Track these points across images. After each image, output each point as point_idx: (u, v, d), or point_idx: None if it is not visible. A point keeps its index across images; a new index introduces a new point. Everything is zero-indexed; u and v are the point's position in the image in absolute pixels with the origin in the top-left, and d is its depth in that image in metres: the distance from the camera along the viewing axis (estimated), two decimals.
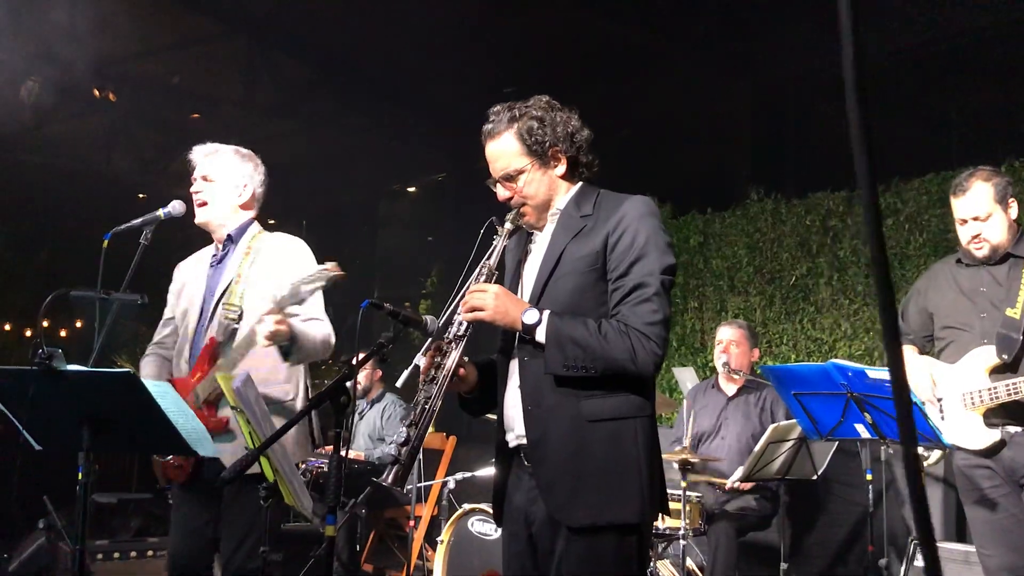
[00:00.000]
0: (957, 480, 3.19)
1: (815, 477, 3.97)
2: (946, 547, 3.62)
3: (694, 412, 4.61)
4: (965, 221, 3.15)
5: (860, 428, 3.02)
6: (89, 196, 9.88)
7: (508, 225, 2.32)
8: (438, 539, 4.09)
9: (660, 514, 2.25)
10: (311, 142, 10.51)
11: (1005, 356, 2.97)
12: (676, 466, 3.97)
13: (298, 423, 2.47)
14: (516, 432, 2.26)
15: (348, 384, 2.25)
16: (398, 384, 2.26)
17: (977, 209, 3.11)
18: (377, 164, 10.84)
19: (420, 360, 2.28)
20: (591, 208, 2.28)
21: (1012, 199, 3.14)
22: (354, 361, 2.21)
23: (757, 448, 3.79)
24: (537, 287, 2.28)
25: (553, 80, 7.81)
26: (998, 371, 3.00)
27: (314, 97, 9.54)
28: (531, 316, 2.16)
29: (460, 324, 2.24)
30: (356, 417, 5.85)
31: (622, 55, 7.34)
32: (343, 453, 2.21)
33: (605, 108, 7.86)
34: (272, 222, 12.08)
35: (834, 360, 3.06)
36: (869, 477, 3.82)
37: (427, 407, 2.20)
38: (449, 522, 4.11)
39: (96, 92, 8.41)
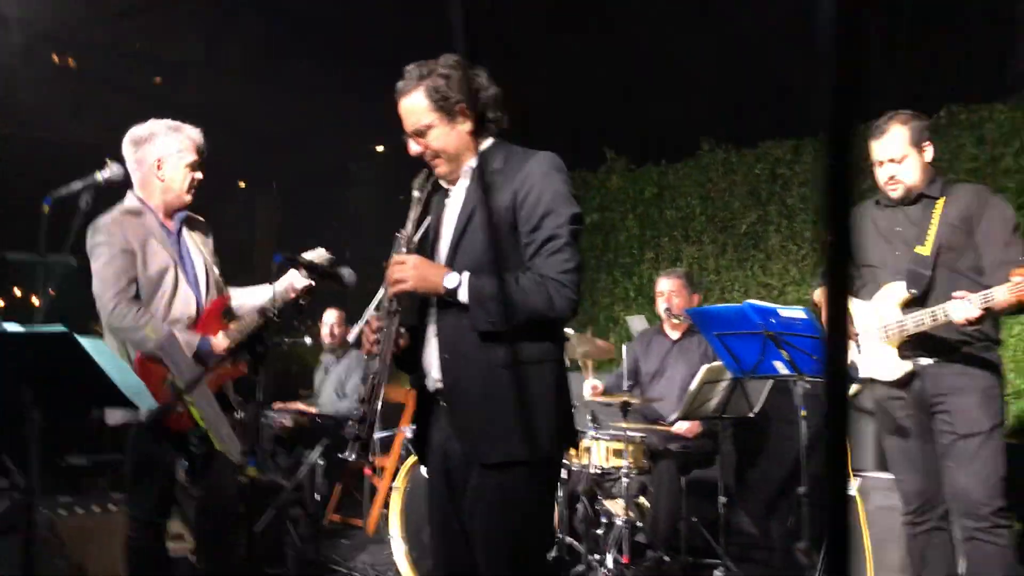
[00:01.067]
0: (875, 412, 3.36)
1: (751, 414, 4.14)
2: (872, 476, 3.81)
3: (639, 355, 4.78)
4: (882, 163, 3.27)
5: (779, 365, 3.18)
6: (55, 164, 9.86)
7: (416, 193, 2.46)
8: (393, 486, 4.25)
9: (572, 449, 2.42)
10: (279, 104, 10.50)
11: (914, 290, 3.11)
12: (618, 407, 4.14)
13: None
14: (433, 377, 2.41)
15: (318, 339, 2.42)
16: (349, 339, 2.41)
17: (893, 151, 3.23)
18: (347, 125, 10.86)
19: (368, 315, 2.42)
20: (501, 163, 2.39)
21: (927, 143, 3.24)
22: (272, 315, 2.33)
23: (692, 388, 3.95)
24: (452, 242, 2.41)
25: (515, 32, 7.86)
26: (909, 305, 3.13)
27: (281, 58, 9.50)
28: (451, 280, 2.29)
29: (390, 299, 2.38)
30: (322, 372, 5.99)
31: (581, 6, 7.37)
32: (284, 404, 2.36)
33: (564, 60, 7.92)
34: (243, 185, 12.07)
35: (749, 300, 3.20)
36: (803, 413, 4.01)
37: (375, 383, 2.36)
38: (403, 470, 4.27)
39: (55, 58, 8.39)
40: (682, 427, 4.42)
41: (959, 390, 3.08)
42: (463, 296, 2.28)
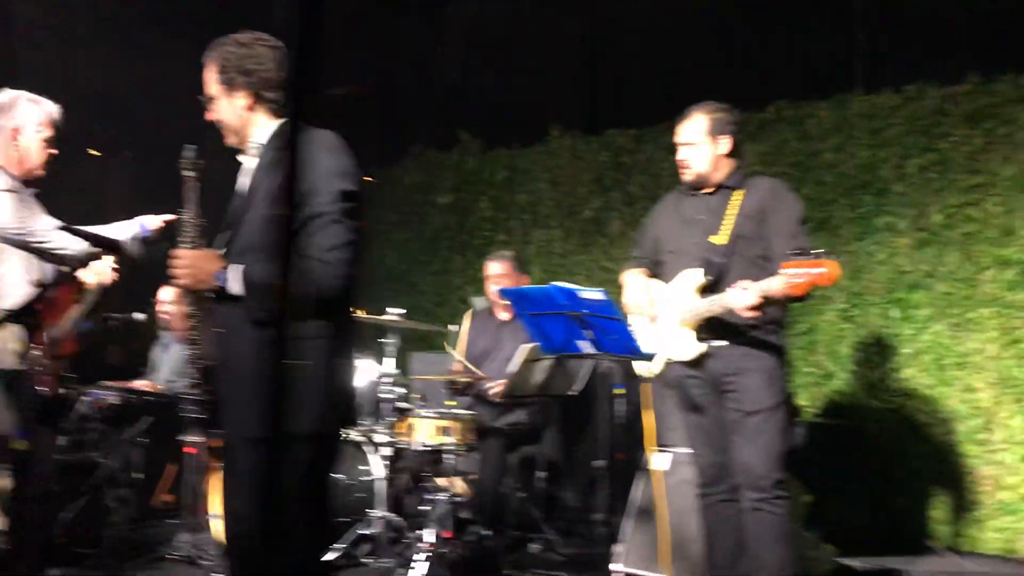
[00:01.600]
0: (676, 389, 3.52)
1: (571, 392, 4.27)
2: (679, 451, 4.00)
3: (472, 336, 4.87)
4: (679, 146, 3.43)
5: (583, 344, 3.30)
6: None
7: (188, 173, 2.54)
8: (213, 464, 4.20)
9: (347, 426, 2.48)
10: (133, 71, 10.10)
11: (709, 277, 3.28)
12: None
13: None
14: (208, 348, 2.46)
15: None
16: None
17: (687, 136, 3.40)
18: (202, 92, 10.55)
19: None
20: (282, 144, 2.40)
21: (725, 136, 3.39)
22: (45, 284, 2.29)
23: (512, 367, 4.05)
24: (235, 221, 2.46)
25: (371, 12, 7.78)
26: (705, 291, 3.30)
27: (133, 25, 9.14)
28: (221, 278, 2.35)
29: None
30: (159, 349, 5.82)
31: None
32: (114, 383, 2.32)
33: (421, 41, 7.91)
34: (98, 154, 11.59)
35: (555, 283, 3.31)
36: (618, 391, 4.18)
37: (202, 366, 2.45)
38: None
39: None
40: (492, 388, 4.50)
41: (746, 370, 3.28)
42: (235, 290, 2.33)
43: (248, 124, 2.50)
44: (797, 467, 4.74)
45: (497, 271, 4.75)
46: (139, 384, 5.52)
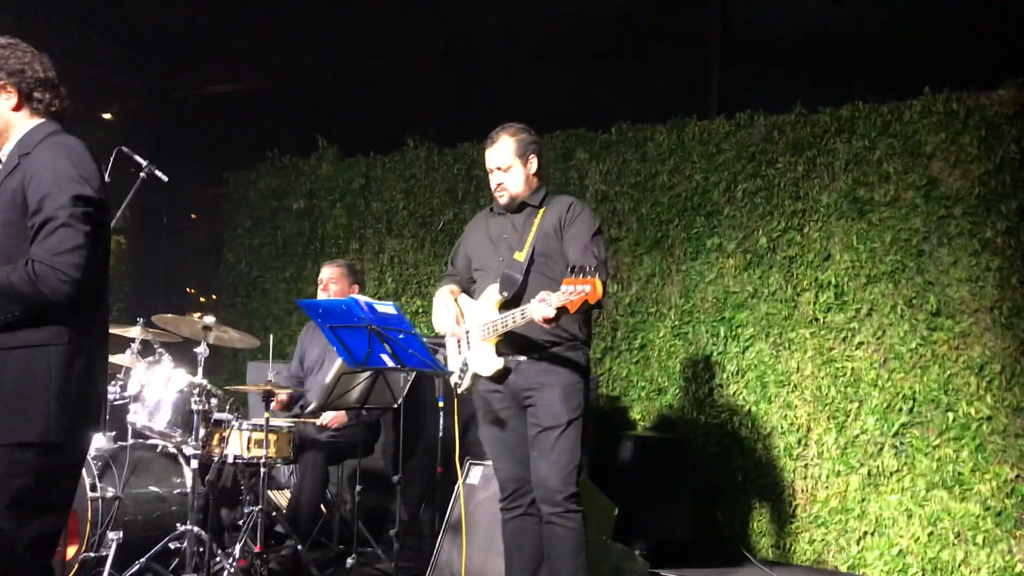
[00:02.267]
0: (476, 404, 3.53)
1: (396, 405, 4.25)
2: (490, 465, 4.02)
3: (306, 345, 4.80)
4: (492, 171, 3.47)
5: (385, 357, 3.29)
6: None
7: None
8: None
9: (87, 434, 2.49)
10: None
11: (506, 293, 3.32)
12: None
13: None
14: None
15: None
16: None
17: (500, 160, 3.43)
18: (71, 87, 10.14)
19: None
20: (32, 147, 2.42)
21: (533, 155, 3.47)
22: None
23: (328, 380, 4.00)
24: None
25: (238, 11, 7.63)
26: (505, 307, 3.32)
27: None
28: None
29: None
30: None
31: None
32: None
33: (281, 46, 7.81)
34: None
35: (353, 295, 3.29)
36: (440, 404, 4.18)
37: None
38: None
39: None
40: (327, 417, 4.48)
41: (544, 386, 3.32)
42: None
43: (9, 126, 2.51)
44: (619, 479, 4.88)
45: (328, 275, 4.71)
46: None
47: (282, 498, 5.00)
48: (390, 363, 3.29)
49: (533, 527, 3.44)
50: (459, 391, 3.48)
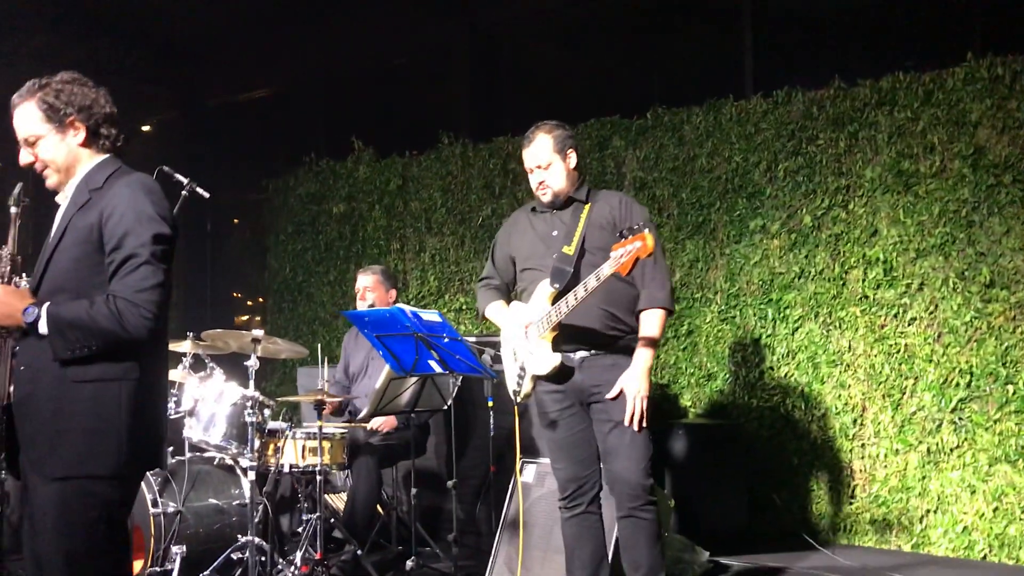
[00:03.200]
0: (536, 405, 3.53)
1: (445, 407, 4.26)
2: (547, 462, 4.02)
3: (350, 352, 4.84)
4: (532, 170, 3.46)
5: (433, 364, 3.30)
6: None
7: (13, 209, 2.52)
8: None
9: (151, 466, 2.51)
10: (24, 79, 9.82)
11: (557, 285, 3.30)
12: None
13: None
14: (9, 390, 2.43)
15: None
16: None
17: (540, 158, 3.42)
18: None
19: None
20: (102, 182, 2.46)
21: (571, 150, 3.45)
22: None
23: (378, 386, 4.03)
24: (44, 258, 2.46)
25: (266, 16, 7.68)
26: (556, 300, 3.31)
27: (20, 31, 8.88)
28: (30, 315, 2.35)
29: None
30: None
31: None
32: None
33: (312, 50, 7.83)
34: (1, 165, 11.16)
35: (399, 305, 3.30)
36: (490, 404, 4.19)
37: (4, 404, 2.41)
38: None
39: None
40: (376, 422, 4.51)
41: (611, 381, 3.32)
42: (42, 329, 2.34)
43: (76, 162, 2.51)
44: (673, 469, 4.85)
45: (365, 283, 4.74)
46: None
47: (339, 502, 5.04)
48: (437, 369, 3.30)
49: (594, 524, 3.44)
50: (518, 399, 3.45)
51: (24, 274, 2.51)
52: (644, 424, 3.31)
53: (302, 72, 8.10)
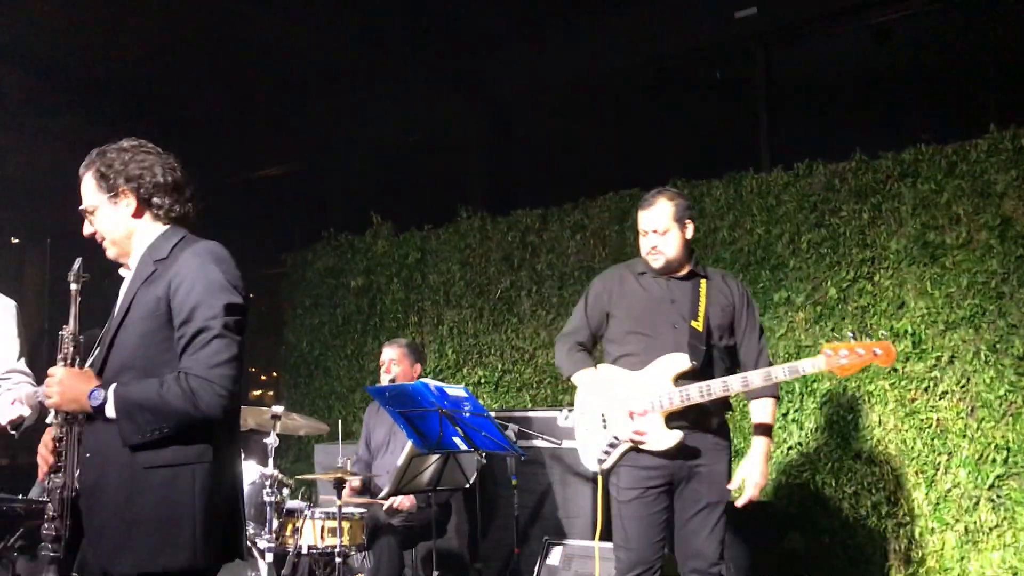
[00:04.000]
0: (619, 479, 3.38)
1: (467, 485, 4.16)
2: (575, 544, 3.90)
3: (371, 427, 4.75)
4: (647, 233, 3.44)
5: (458, 440, 3.22)
6: None
7: (73, 286, 2.39)
8: None
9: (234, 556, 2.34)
10: (41, 156, 9.95)
11: (695, 362, 3.26)
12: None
13: None
14: (76, 476, 2.29)
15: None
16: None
17: (657, 223, 3.40)
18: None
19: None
20: (167, 252, 2.35)
21: (689, 221, 3.46)
22: None
23: (400, 463, 3.93)
24: (110, 333, 2.35)
25: (281, 94, 7.79)
26: (683, 377, 3.28)
27: (37, 109, 9.05)
28: (96, 398, 2.21)
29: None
30: None
31: (339, 71, 7.40)
32: None
33: (329, 126, 7.93)
34: (16, 241, 11.32)
35: (423, 380, 3.23)
36: (514, 483, 4.09)
37: (64, 496, 2.24)
38: None
39: None
40: (395, 501, 4.40)
41: (714, 461, 3.34)
42: (110, 412, 2.20)
43: (132, 233, 2.41)
44: None
45: (390, 356, 4.66)
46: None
47: None
48: (462, 446, 3.21)
49: None
50: (602, 467, 3.37)
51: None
52: (727, 501, 3.39)
53: (319, 148, 8.19)
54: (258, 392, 9.21)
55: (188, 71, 7.79)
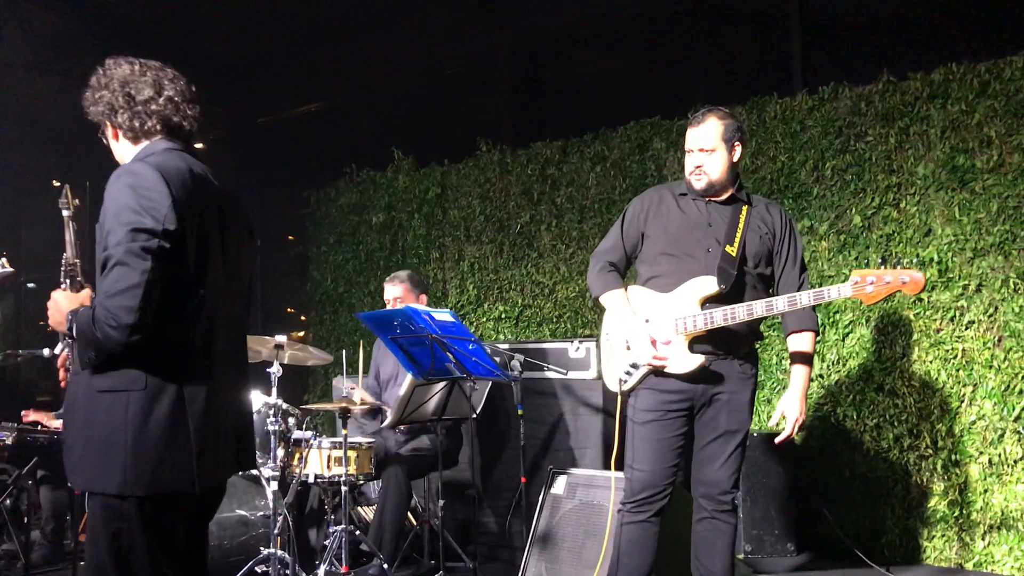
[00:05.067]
0: (637, 401, 3.31)
1: (475, 416, 4.13)
2: (579, 472, 3.86)
3: (379, 360, 4.73)
4: (692, 151, 3.29)
5: (450, 367, 3.17)
6: None
7: (65, 212, 2.41)
8: None
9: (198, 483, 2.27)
10: (79, 100, 10.04)
11: (723, 286, 3.16)
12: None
13: None
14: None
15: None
16: (57, 351, 2.42)
17: (704, 142, 3.25)
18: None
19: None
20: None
21: (738, 143, 3.30)
22: None
23: (402, 393, 3.91)
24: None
25: (308, 33, 7.71)
26: (711, 301, 3.19)
27: (76, 52, 9.08)
28: (69, 321, 2.25)
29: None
30: None
31: (365, 8, 7.29)
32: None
33: (357, 64, 7.84)
34: (57, 183, 11.53)
35: (412, 305, 3.18)
36: (520, 412, 4.05)
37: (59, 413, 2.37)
38: None
39: None
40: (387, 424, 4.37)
41: (737, 389, 3.26)
42: (74, 334, 2.24)
43: (123, 158, 2.41)
44: None
45: (395, 293, 4.59)
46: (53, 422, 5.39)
47: (371, 514, 4.94)
48: (456, 372, 3.17)
49: (652, 536, 3.28)
50: (623, 388, 3.30)
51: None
52: (747, 431, 3.32)
53: (347, 86, 8.10)
54: (301, 333, 9.27)
55: (216, 11, 7.73)
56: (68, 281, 2.33)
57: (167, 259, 2.16)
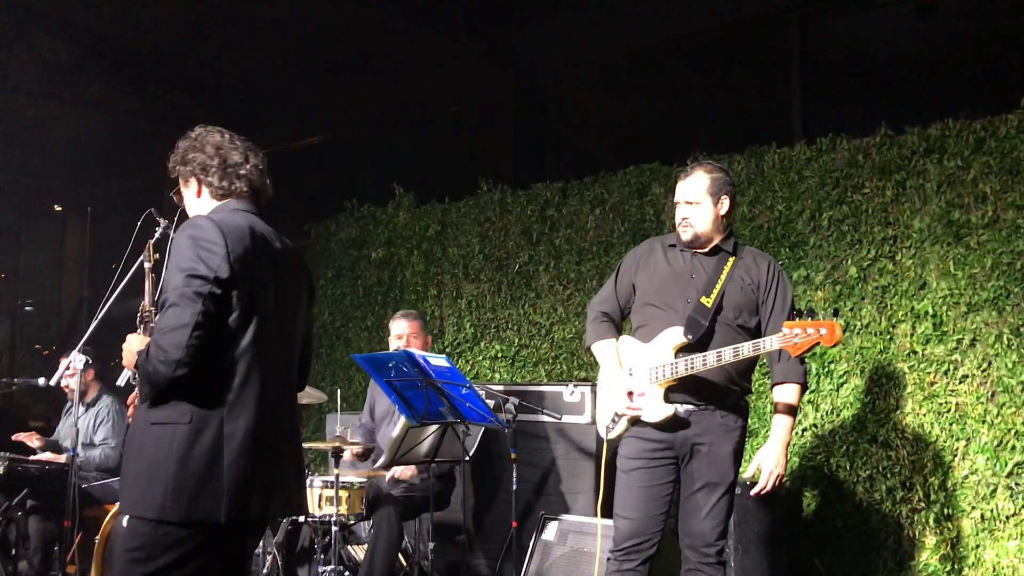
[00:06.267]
0: (622, 448, 3.38)
1: (467, 459, 4.13)
2: (572, 519, 3.85)
3: (375, 398, 4.74)
4: (679, 203, 3.39)
5: (444, 412, 3.18)
6: None
7: (147, 265, 2.77)
8: (95, 538, 4.05)
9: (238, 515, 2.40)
10: (84, 126, 10.10)
11: (690, 337, 3.21)
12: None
13: None
14: None
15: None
16: (119, 383, 2.70)
17: (690, 194, 3.34)
18: (159, 148, 10.56)
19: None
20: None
21: (726, 196, 3.38)
22: None
23: (395, 435, 3.91)
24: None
25: (312, 67, 7.80)
26: (683, 351, 3.23)
27: (81, 80, 9.18)
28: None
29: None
30: (68, 419, 5.66)
31: (370, 44, 7.37)
32: None
33: (362, 98, 7.92)
34: (58, 208, 11.55)
35: (407, 349, 3.20)
36: (513, 456, 4.05)
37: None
38: (106, 519, 4.08)
39: None
40: (397, 471, 4.38)
41: (717, 440, 3.27)
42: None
43: (198, 209, 2.63)
44: None
45: (407, 329, 4.61)
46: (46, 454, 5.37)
47: (363, 554, 4.92)
48: (449, 417, 3.18)
49: None
50: (608, 437, 3.38)
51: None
52: (734, 484, 3.34)
53: (351, 119, 8.18)
54: None
55: (222, 42, 7.84)
56: (143, 326, 2.63)
57: (217, 303, 2.35)
